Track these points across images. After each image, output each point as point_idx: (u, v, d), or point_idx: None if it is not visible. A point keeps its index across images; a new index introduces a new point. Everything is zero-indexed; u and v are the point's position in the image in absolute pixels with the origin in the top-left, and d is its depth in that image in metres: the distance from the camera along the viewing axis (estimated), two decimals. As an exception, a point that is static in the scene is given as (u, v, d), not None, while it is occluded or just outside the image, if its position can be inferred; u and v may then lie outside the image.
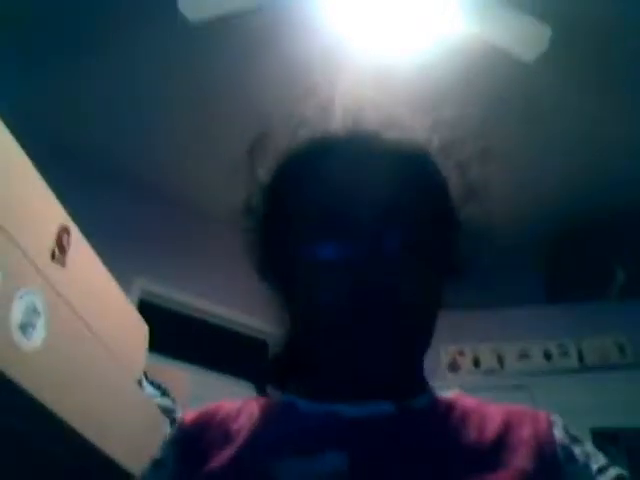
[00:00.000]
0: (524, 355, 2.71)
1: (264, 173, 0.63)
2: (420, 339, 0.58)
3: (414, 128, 0.62)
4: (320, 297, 0.55)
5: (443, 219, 0.60)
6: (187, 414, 0.61)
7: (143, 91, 2.50)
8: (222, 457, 0.53)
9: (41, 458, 0.82)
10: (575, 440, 0.55)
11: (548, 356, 2.69)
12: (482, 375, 2.70)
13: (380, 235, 0.54)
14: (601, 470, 0.53)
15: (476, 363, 2.74)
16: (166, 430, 1.08)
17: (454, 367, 2.72)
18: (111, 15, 2.15)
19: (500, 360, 2.73)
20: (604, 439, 2.24)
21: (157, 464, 0.58)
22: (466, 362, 2.73)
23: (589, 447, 0.55)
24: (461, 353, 2.73)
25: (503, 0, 1.70)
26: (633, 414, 2.32)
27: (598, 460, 0.54)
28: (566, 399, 2.40)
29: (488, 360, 2.73)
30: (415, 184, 0.58)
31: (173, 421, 1.09)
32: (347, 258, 0.54)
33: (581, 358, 2.65)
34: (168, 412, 1.10)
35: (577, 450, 0.54)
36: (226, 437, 0.55)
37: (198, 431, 0.57)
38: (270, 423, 0.57)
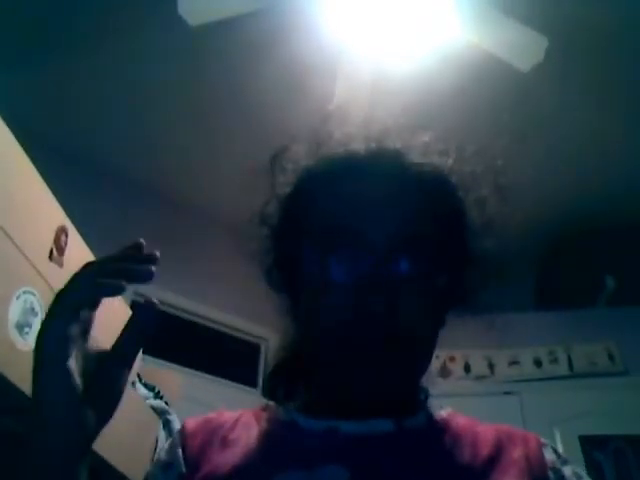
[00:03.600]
0: (514, 361, 2.73)
1: (283, 186, 0.63)
2: (419, 365, 0.58)
3: (436, 154, 0.61)
4: (321, 319, 0.56)
5: (456, 250, 0.60)
6: (188, 420, 0.63)
7: (142, 92, 2.49)
8: (223, 464, 0.54)
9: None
10: (565, 462, 0.56)
11: (538, 363, 2.71)
12: (472, 381, 2.71)
13: (388, 258, 0.54)
14: None
15: (467, 369, 2.75)
16: (159, 431, 1.08)
17: (445, 373, 2.73)
18: (112, 16, 2.14)
19: (490, 366, 2.74)
20: (592, 445, 2.25)
21: (166, 466, 0.58)
22: (457, 368, 2.74)
23: (579, 469, 0.56)
24: (452, 359, 2.74)
25: (501, 9, 1.71)
26: (621, 421, 2.34)
27: None
28: (556, 405, 2.42)
29: (479, 366, 2.75)
30: (432, 211, 0.58)
31: (166, 422, 1.10)
32: (352, 278, 0.54)
33: (571, 365, 2.67)
34: (161, 413, 1.10)
35: (567, 472, 0.55)
36: (224, 444, 0.57)
37: (200, 436, 0.59)
38: (272, 438, 0.58)
